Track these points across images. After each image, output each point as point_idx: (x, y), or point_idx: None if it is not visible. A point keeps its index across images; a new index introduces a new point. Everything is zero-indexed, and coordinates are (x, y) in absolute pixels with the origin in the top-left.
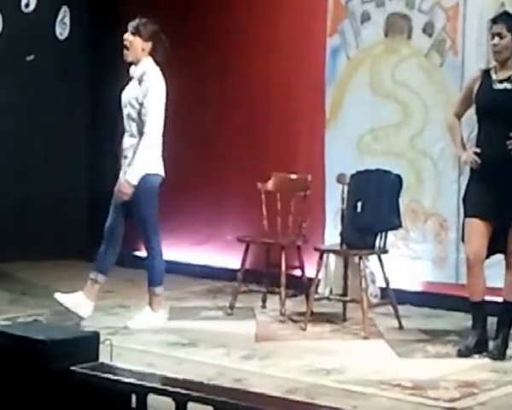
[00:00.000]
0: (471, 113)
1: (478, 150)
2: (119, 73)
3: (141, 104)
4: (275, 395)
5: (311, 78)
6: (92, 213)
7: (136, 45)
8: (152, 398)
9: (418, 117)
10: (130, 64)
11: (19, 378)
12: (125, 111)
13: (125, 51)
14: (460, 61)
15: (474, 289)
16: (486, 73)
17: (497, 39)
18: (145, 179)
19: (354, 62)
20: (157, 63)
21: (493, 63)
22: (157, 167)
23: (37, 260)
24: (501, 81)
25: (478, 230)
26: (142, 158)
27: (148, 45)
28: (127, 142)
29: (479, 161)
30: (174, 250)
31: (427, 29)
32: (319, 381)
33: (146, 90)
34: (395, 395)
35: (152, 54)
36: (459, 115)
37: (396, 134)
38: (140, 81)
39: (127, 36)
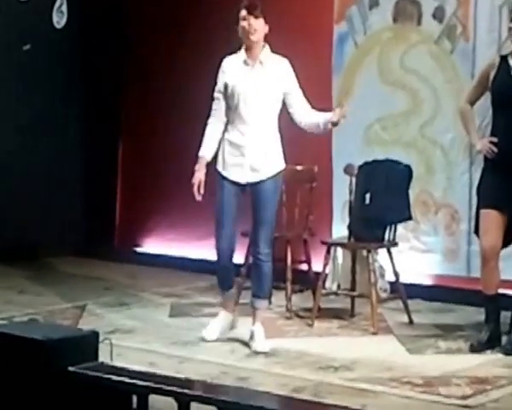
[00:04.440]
0: (483, 100)
1: (494, 140)
2: (117, 62)
3: (285, 89)
4: (281, 393)
5: (318, 65)
6: (89, 210)
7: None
8: (153, 398)
9: (428, 105)
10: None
11: (16, 379)
12: (253, 101)
13: (249, 34)
14: (471, 47)
15: (488, 283)
16: (503, 60)
17: None
18: (279, 176)
19: (362, 49)
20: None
21: (510, 49)
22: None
23: (34, 258)
24: None
25: (494, 221)
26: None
27: (267, 29)
28: (252, 134)
29: (495, 150)
30: (177, 245)
31: (438, 14)
32: (327, 379)
33: (288, 76)
34: (405, 392)
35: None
36: (472, 102)
37: (405, 123)
38: (273, 69)
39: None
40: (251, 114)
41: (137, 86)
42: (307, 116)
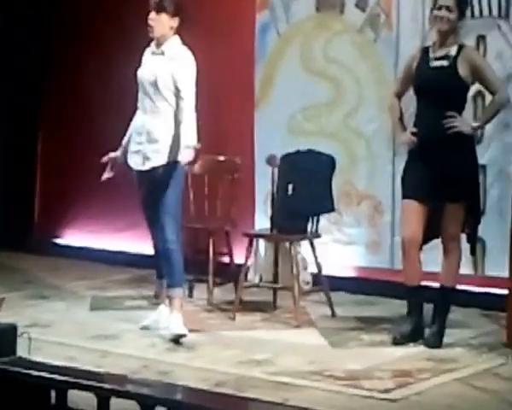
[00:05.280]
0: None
1: (415, 130)
2: (39, 50)
3: (176, 82)
4: (202, 388)
5: (240, 55)
6: (7, 201)
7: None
8: (73, 393)
9: (351, 95)
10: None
11: None
12: (151, 89)
13: (149, 29)
14: (394, 36)
15: (410, 274)
16: (425, 51)
17: (444, 12)
18: (176, 166)
19: (284, 39)
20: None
21: (432, 40)
22: None
23: None
24: (437, 59)
25: (415, 212)
26: (191, 131)
27: (176, 22)
28: (149, 123)
29: (415, 140)
30: (96, 237)
31: (360, 4)
32: (249, 373)
33: (181, 67)
34: (328, 386)
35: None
36: (400, 95)
37: (328, 113)
38: (172, 59)
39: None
40: (148, 103)
41: (59, 75)
42: (181, 136)
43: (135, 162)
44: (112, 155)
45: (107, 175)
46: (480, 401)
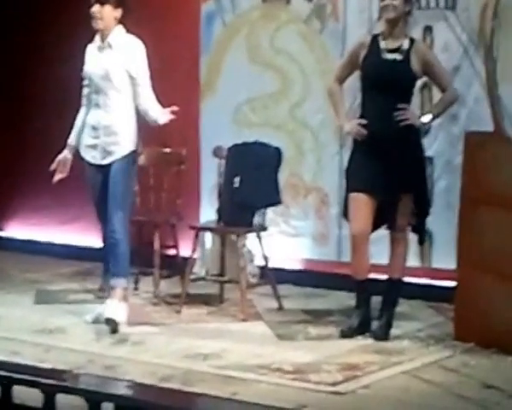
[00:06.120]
0: (353, 81)
1: (364, 122)
2: None
3: (129, 71)
4: (148, 382)
5: (185, 45)
6: None
7: (107, 14)
8: (18, 389)
9: (298, 86)
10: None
11: None
12: (103, 83)
13: (94, 21)
14: (341, 27)
15: (359, 268)
16: (374, 40)
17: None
18: (130, 157)
19: (231, 29)
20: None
21: (381, 29)
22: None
23: None
24: (390, 51)
25: (363, 206)
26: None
27: (119, 12)
28: (105, 117)
29: (365, 132)
30: (39, 230)
31: None
32: (196, 367)
33: (132, 55)
34: (275, 379)
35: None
36: (341, 81)
37: (275, 104)
38: (121, 50)
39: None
40: (101, 97)
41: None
42: (151, 111)
43: (92, 157)
44: (60, 157)
45: (58, 177)
46: (427, 393)
